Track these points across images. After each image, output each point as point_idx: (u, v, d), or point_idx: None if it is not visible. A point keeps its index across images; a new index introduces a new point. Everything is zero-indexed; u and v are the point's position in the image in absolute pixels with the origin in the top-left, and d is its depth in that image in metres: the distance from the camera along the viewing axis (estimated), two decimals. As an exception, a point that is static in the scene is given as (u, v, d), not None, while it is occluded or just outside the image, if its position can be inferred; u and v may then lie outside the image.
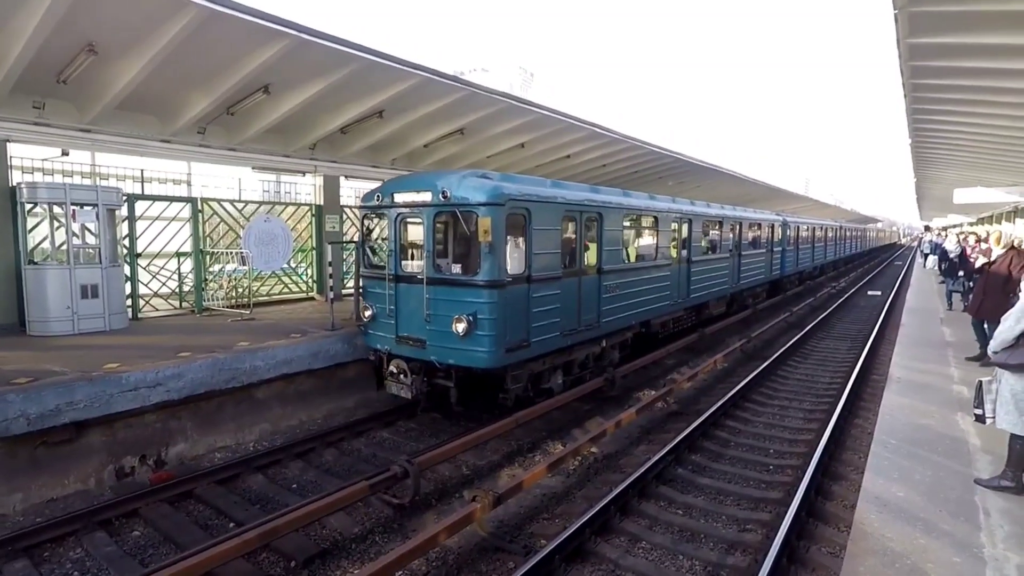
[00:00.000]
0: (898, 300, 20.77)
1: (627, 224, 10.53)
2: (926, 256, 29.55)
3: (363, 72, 10.05)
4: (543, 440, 8.07)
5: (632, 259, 10.82)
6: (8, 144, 9.28)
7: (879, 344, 13.64)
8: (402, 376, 8.14)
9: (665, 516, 5.91)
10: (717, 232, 15.09)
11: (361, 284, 8.77)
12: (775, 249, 20.38)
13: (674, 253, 12.31)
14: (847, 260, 41.15)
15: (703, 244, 13.95)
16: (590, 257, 9.30)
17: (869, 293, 25.23)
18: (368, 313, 8.52)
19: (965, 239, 18.92)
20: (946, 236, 20.26)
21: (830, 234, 31.61)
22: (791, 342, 13.51)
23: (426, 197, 7.73)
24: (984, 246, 14.47)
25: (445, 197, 7.42)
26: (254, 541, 4.86)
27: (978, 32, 7.86)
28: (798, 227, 23.73)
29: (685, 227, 12.89)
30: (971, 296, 11.10)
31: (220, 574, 4.77)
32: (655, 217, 11.41)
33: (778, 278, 21.26)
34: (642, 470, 6.44)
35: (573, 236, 8.90)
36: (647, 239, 11.49)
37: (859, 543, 4.15)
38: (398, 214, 8.12)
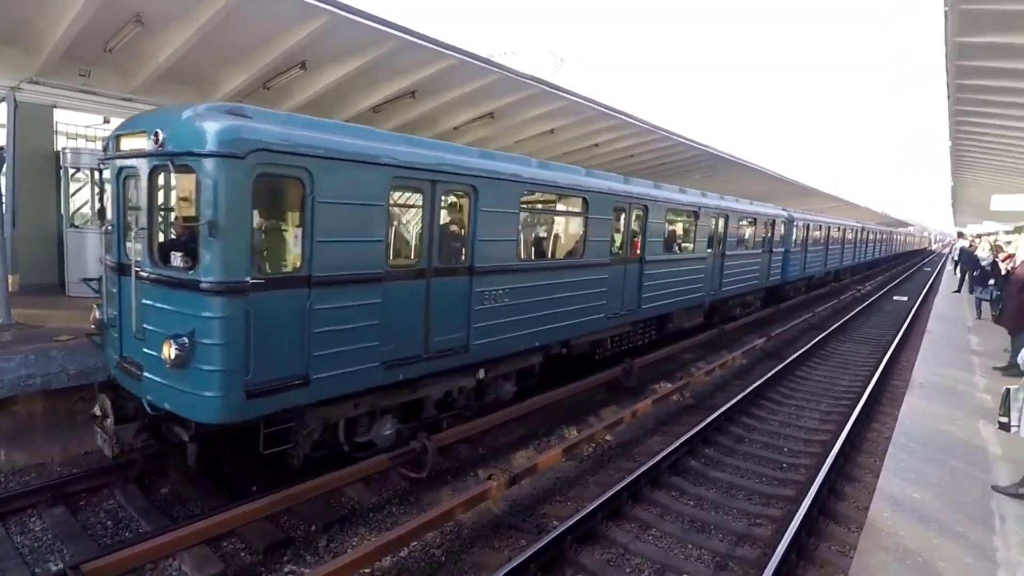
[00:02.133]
0: (925, 306, 20.38)
1: (531, 206, 7.91)
2: (956, 263, 28.86)
3: (398, 52, 10.11)
4: (558, 426, 8.17)
5: (538, 255, 8.40)
6: (55, 110, 9.59)
7: (902, 350, 13.45)
8: (107, 421, 5.31)
9: (676, 506, 6.00)
10: (691, 225, 12.08)
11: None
12: (775, 250, 17.34)
13: (616, 249, 9.43)
14: (869, 265, 37.98)
15: (666, 239, 11.16)
16: (452, 250, 6.52)
17: (895, 298, 24.77)
18: (95, 316, 5.85)
19: (999, 250, 18.43)
20: (979, 243, 19.64)
21: (849, 235, 28.11)
22: (811, 343, 13.39)
23: (143, 143, 4.90)
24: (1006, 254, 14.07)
25: (158, 142, 4.64)
26: (278, 503, 5.09)
27: (1029, 33, 7.66)
28: (807, 225, 20.49)
29: (637, 215, 9.98)
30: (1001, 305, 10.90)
31: (245, 532, 5.01)
32: (583, 199, 8.34)
33: (778, 284, 18.19)
34: (655, 459, 6.52)
35: (414, 218, 6.47)
36: (569, 229, 9.03)
37: (871, 539, 4.20)
38: (120, 168, 5.37)
